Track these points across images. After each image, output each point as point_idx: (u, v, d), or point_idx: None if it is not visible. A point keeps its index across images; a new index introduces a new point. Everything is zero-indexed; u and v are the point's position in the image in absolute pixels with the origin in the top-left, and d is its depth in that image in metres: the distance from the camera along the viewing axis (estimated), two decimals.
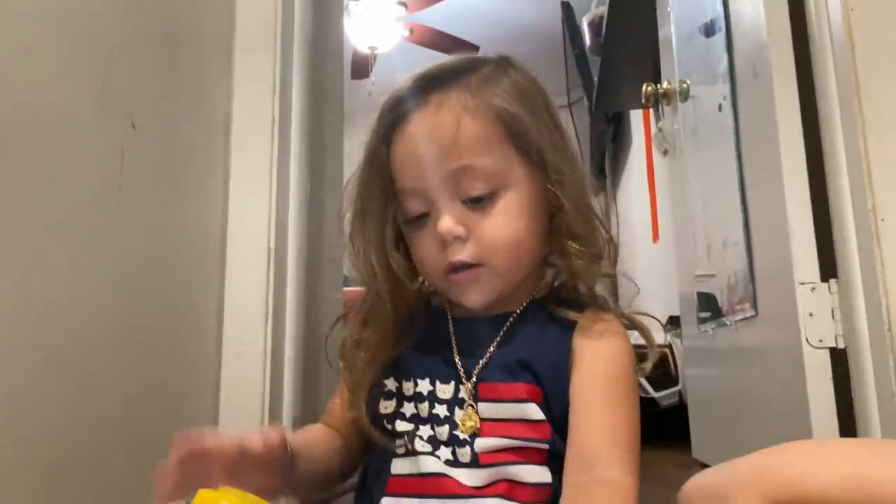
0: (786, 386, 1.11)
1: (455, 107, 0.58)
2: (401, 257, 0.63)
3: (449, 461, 0.57)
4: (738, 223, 1.31)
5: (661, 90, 1.80)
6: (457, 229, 0.57)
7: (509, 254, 0.59)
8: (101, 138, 0.81)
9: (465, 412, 0.58)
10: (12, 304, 0.66)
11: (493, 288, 0.60)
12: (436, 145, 0.58)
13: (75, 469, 0.74)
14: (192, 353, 1.00)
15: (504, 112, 0.58)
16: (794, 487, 0.47)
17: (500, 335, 0.61)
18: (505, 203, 0.58)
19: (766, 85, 1.12)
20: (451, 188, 0.58)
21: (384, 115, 0.61)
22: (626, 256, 3.49)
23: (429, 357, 0.62)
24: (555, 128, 0.63)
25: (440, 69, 0.61)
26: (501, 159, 0.58)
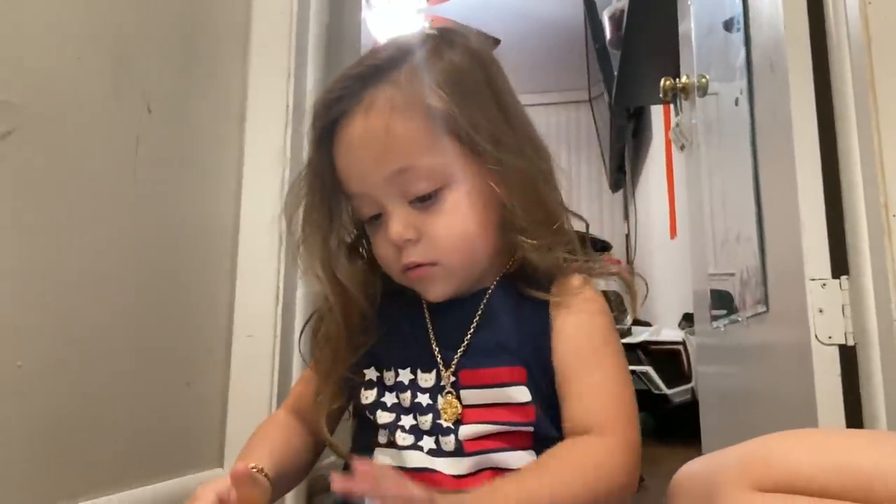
0: (795, 383, 1.10)
1: (384, 108, 0.56)
2: (350, 266, 0.62)
3: (433, 450, 0.57)
4: (752, 218, 1.30)
5: (679, 84, 1.79)
6: (407, 233, 0.57)
7: (461, 251, 0.58)
8: (118, 122, 0.83)
9: (445, 400, 0.58)
10: (30, 279, 0.69)
11: (450, 282, 0.59)
12: (371, 150, 0.56)
13: (90, 437, 0.76)
14: (204, 333, 1.02)
15: (435, 108, 0.56)
16: (782, 474, 0.47)
17: (476, 318, 0.60)
18: (451, 200, 0.57)
19: (782, 79, 1.11)
20: (395, 191, 0.57)
21: (317, 119, 0.59)
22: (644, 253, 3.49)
23: (408, 345, 0.61)
24: (500, 117, 0.59)
25: (370, 64, 0.58)
26: (439, 155, 0.56)
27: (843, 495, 0.45)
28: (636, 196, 4.31)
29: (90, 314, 0.77)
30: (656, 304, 3.49)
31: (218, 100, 1.08)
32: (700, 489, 0.53)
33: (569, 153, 5.04)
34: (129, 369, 0.84)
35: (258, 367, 1.04)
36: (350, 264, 0.62)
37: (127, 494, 0.81)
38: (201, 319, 1.01)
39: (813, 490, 0.46)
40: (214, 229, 1.05)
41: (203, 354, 1.01)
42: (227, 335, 1.05)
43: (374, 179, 0.57)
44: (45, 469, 0.70)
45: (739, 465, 0.50)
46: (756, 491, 0.48)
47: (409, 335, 0.62)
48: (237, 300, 1.07)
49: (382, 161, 0.56)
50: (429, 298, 0.60)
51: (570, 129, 5.10)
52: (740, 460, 0.50)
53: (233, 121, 1.11)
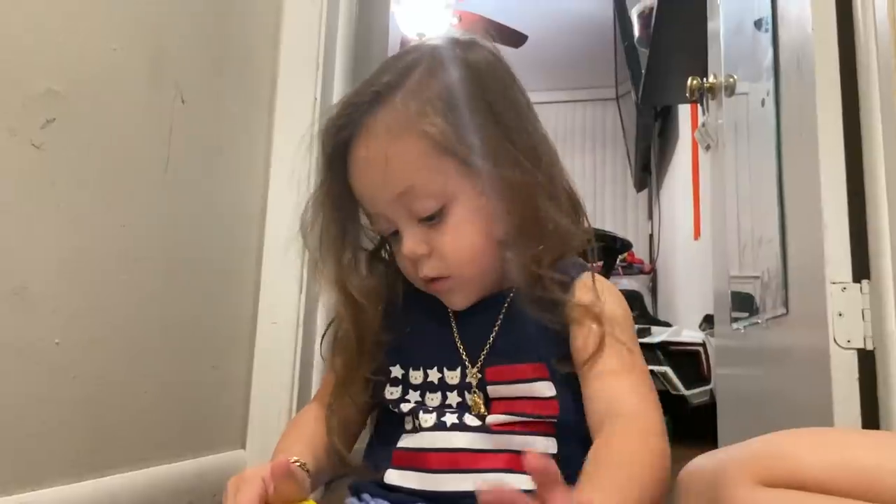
0: (812, 386, 1.10)
1: (381, 133, 0.58)
2: (364, 281, 0.64)
3: (455, 425, 0.59)
4: (774, 220, 1.30)
5: (706, 84, 1.78)
6: (419, 249, 0.59)
7: (471, 263, 0.60)
8: (153, 111, 0.86)
9: (473, 397, 0.60)
10: (68, 261, 0.72)
11: (469, 291, 0.62)
12: (374, 174, 0.59)
13: (119, 414, 0.80)
14: (230, 319, 1.05)
15: (431, 130, 0.57)
16: (787, 470, 0.48)
17: (500, 318, 0.62)
18: (455, 215, 0.59)
19: (809, 80, 1.11)
20: (402, 211, 0.59)
21: (325, 144, 0.62)
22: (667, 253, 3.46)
23: (434, 344, 0.64)
24: (494, 126, 0.60)
25: (370, 89, 0.60)
26: (439, 174, 0.58)
27: (848, 493, 0.46)
28: (661, 196, 4.28)
29: (123, 296, 0.80)
30: (678, 305, 3.46)
31: (248, 92, 1.11)
32: (707, 483, 0.54)
33: (594, 151, 5.02)
34: (159, 351, 0.87)
35: (281, 353, 1.07)
36: (367, 275, 0.65)
37: (153, 471, 0.85)
38: (228, 306, 1.04)
39: (818, 487, 0.47)
40: (242, 219, 1.08)
41: (229, 339, 1.04)
42: (252, 322, 1.08)
43: (381, 201, 0.60)
44: (77, 442, 0.73)
45: (746, 461, 0.51)
46: (762, 486, 0.49)
47: (433, 333, 0.64)
48: (262, 288, 1.10)
49: (385, 184, 0.59)
50: (452, 307, 0.63)
51: (596, 127, 5.08)
52: (747, 456, 0.51)
53: (262, 112, 1.14)
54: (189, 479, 0.90)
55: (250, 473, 0.52)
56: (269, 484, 0.51)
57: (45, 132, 0.68)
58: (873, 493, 0.45)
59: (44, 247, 0.69)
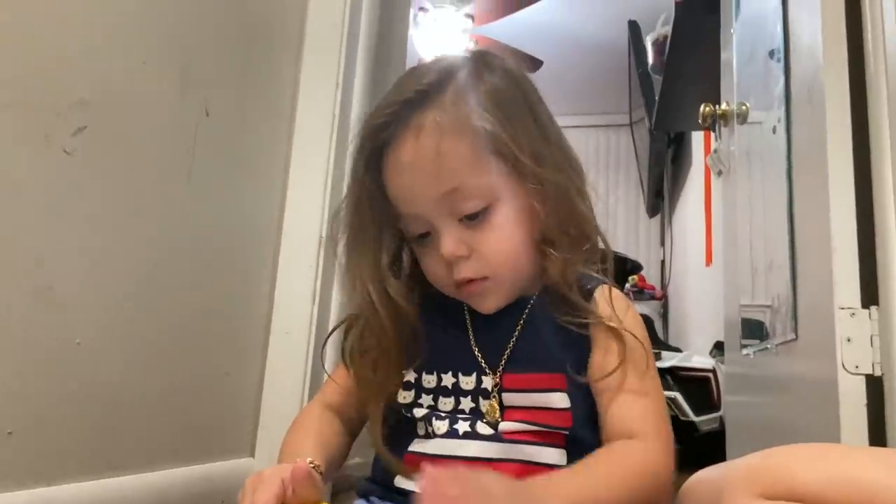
0: (820, 412, 1.10)
1: (433, 130, 0.57)
2: (398, 282, 0.63)
3: (468, 433, 0.60)
4: (785, 246, 1.31)
5: (719, 111, 1.80)
6: (459, 250, 0.59)
7: (510, 264, 0.60)
8: (178, 123, 0.89)
9: (489, 403, 0.60)
10: (92, 264, 0.74)
11: (502, 294, 0.62)
12: (422, 172, 0.58)
13: (134, 416, 0.81)
14: (244, 327, 1.07)
15: (480, 128, 0.58)
16: (788, 485, 0.49)
17: (519, 326, 0.62)
18: (499, 215, 0.59)
19: (819, 108, 1.12)
20: (445, 210, 0.59)
21: (365, 142, 0.61)
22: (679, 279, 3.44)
23: (449, 350, 0.63)
24: (539, 135, 0.61)
25: (416, 90, 0.60)
26: (487, 174, 0.59)
27: None
28: (673, 222, 4.28)
29: (142, 301, 0.82)
30: (689, 331, 3.44)
31: (270, 106, 1.14)
32: (709, 495, 0.55)
33: (607, 177, 5.03)
34: (174, 356, 0.89)
35: (293, 362, 1.08)
36: (397, 281, 0.64)
37: (162, 474, 0.86)
38: (242, 314, 1.06)
39: (817, 501, 0.47)
40: (260, 229, 1.11)
41: (242, 347, 1.06)
42: (266, 330, 1.10)
43: (425, 200, 0.59)
44: (91, 441, 0.75)
45: (748, 474, 0.51)
46: (763, 499, 0.50)
47: (450, 340, 0.64)
48: (276, 298, 1.12)
49: (434, 182, 0.58)
50: (481, 311, 0.63)
51: (610, 153, 5.10)
52: (749, 469, 0.52)
53: (282, 126, 1.17)
54: (198, 483, 0.91)
55: (269, 473, 0.52)
56: (288, 486, 0.51)
57: (76, 139, 0.71)
58: None
59: (70, 249, 0.71)
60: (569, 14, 3.70)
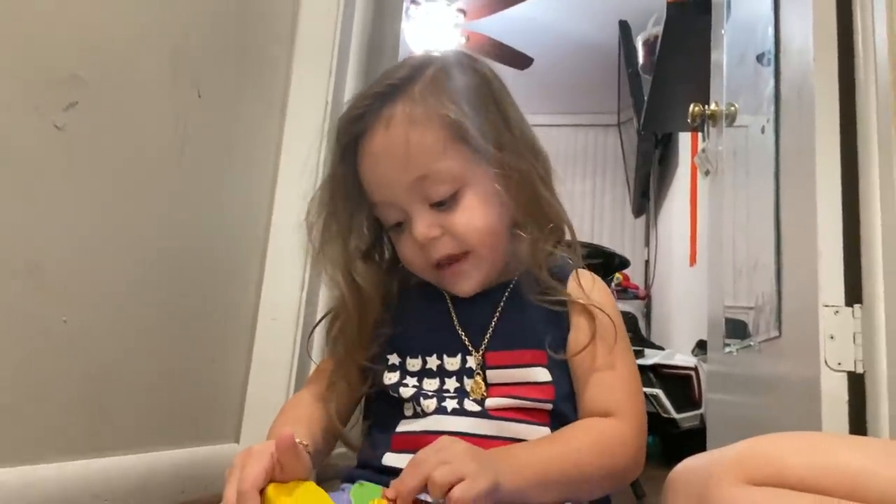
0: (802, 408, 1.11)
1: (402, 121, 0.61)
2: (366, 267, 0.66)
3: (456, 410, 0.61)
4: (771, 245, 1.32)
5: (707, 111, 1.81)
6: (431, 232, 0.62)
7: (485, 240, 0.63)
8: (170, 103, 0.88)
9: (474, 381, 0.63)
10: (79, 242, 0.73)
11: (480, 273, 0.64)
12: (392, 161, 0.62)
13: (119, 398, 0.81)
14: (232, 313, 1.06)
15: (447, 117, 0.61)
16: (773, 470, 0.50)
17: (500, 306, 0.65)
18: (468, 199, 0.62)
19: (808, 110, 1.14)
20: (416, 196, 0.62)
21: (340, 134, 0.65)
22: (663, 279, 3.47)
23: (432, 333, 0.66)
24: (501, 122, 0.65)
25: (386, 83, 0.63)
26: (455, 160, 0.62)
27: (831, 493, 0.47)
28: (658, 222, 4.32)
29: (130, 282, 0.82)
30: (671, 330, 3.48)
31: (262, 92, 1.13)
32: (695, 483, 0.56)
33: (594, 176, 5.06)
34: (160, 339, 0.88)
35: (280, 349, 1.08)
36: (366, 267, 0.67)
37: (147, 456, 0.85)
38: (230, 300, 1.06)
39: (802, 487, 0.48)
40: (249, 216, 1.10)
41: (229, 333, 1.05)
42: (253, 317, 1.10)
43: (397, 187, 0.62)
44: (76, 421, 0.74)
45: (734, 461, 0.52)
46: (748, 485, 0.50)
47: (433, 324, 0.66)
48: (265, 284, 1.11)
49: (404, 169, 0.61)
50: (459, 294, 0.65)
51: (598, 152, 5.13)
52: (735, 456, 0.53)
53: (274, 113, 1.16)
54: (182, 467, 0.90)
55: (258, 449, 0.52)
56: (276, 460, 0.51)
57: (67, 114, 0.70)
58: (855, 495, 0.47)
59: (59, 226, 0.70)
60: (560, 12, 3.71)
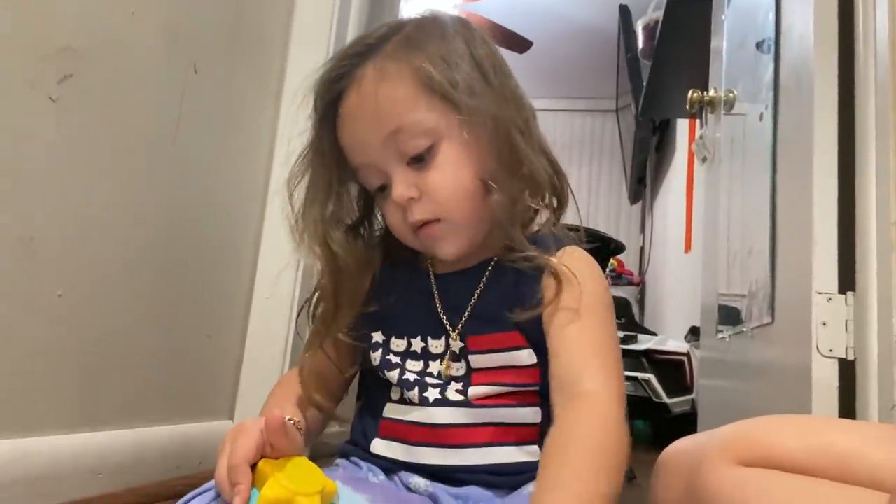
0: (792, 394, 1.12)
1: (373, 77, 0.60)
2: (342, 235, 0.64)
3: (438, 400, 0.60)
4: (765, 232, 1.33)
5: (706, 98, 1.81)
6: (409, 192, 0.60)
7: (460, 204, 0.60)
8: (166, 77, 0.88)
9: (444, 363, 0.61)
10: (75, 215, 0.73)
11: (460, 237, 0.62)
12: (365, 118, 0.60)
13: (114, 372, 0.81)
14: (227, 291, 1.06)
15: (417, 69, 0.59)
16: (764, 450, 0.50)
17: (480, 286, 0.63)
18: (444, 153, 0.60)
19: (808, 97, 1.13)
20: (392, 154, 0.60)
21: (319, 98, 0.63)
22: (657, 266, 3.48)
23: (416, 313, 0.64)
24: (474, 70, 0.62)
25: (361, 44, 0.62)
26: (428, 112, 0.60)
27: (821, 473, 0.48)
28: (654, 209, 4.32)
29: (125, 257, 0.81)
30: (664, 316, 3.50)
31: (259, 69, 1.12)
32: (686, 463, 0.56)
33: (591, 162, 5.05)
34: (155, 315, 0.88)
35: (274, 327, 1.08)
36: (346, 239, 0.65)
37: (141, 431, 0.86)
38: (225, 278, 1.06)
39: (792, 468, 0.49)
40: (244, 193, 1.10)
41: (224, 311, 1.05)
42: (248, 295, 1.10)
43: (373, 146, 0.60)
44: (71, 395, 0.74)
45: (725, 442, 0.53)
46: (739, 465, 0.51)
47: (416, 303, 0.65)
48: (259, 263, 1.11)
49: (376, 126, 0.60)
50: (442, 257, 0.63)
51: (595, 138, 5.12)
52: (726, 438, 0.53)
53: (270, 90, 1.15)
54: (176, 443, 0.91)
55: (249, 424, 0.52)
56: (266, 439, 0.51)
57: (61, 87, 0.69)
58: (845, 476, 0.47)
59: (53, 200, 0.70)
60: None
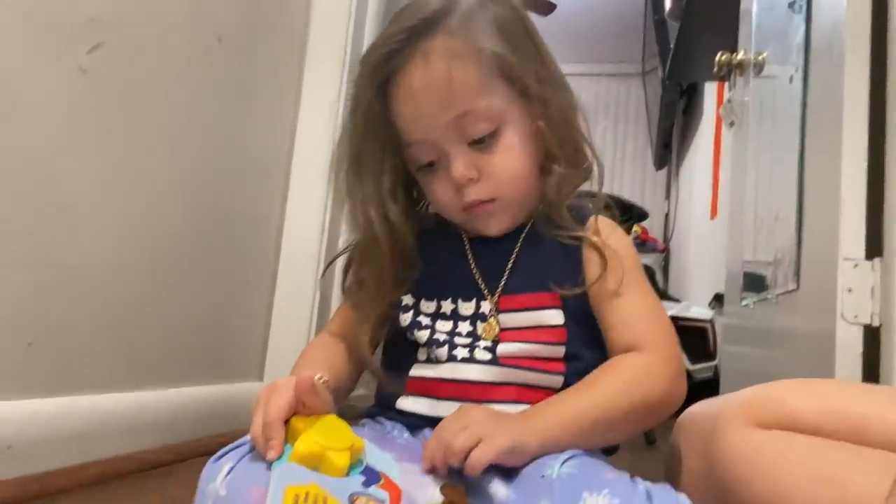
0: (815, 360, 1.12)
1: (443, 55, 0.59)
2: (398, 208, 0.64)
3: (466, 359, 0.61)
4: (793, 197, 1.31)
5: (735, 60, 1.77)
6: (469, 172, 0.61)
7: (517, 186, 0.63)
8: (190, 46, 0.88)
9: (487, 324, 0.63)
10: (110, 183, 0.75)
11: (508, 216, 0.64)
12: (433, 97, 0.59)
13: (151, 335, 0.84)
14: (254, 256, 1.09)
15: (488, 51, 0.60)
16: (781, 413, 0.51)
17: (516, 250, 0.65)
18: (506, 138, 0.61)
19: (839, 60, 1.11)
20: (455, 134, 0.60)
21: (374, 70, 0.61)
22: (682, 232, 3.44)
23: (449, 277, 0.65)
24: (538, 57, 0.64)
25: (419, 17, 0.60)
26: (496, 97, 0.60)
27: (837, 435, 0.49)
28: (679, 175, 4.26)
29: (156, 223, 0.84)
30: (689, 284, 3.47)
31: (281, 37, 1.12)
32: (704, 425, 0.57)
33: (615, 127, 4.97)
34: (187, 281, 0.91)
35: (301, 292, 1.11)
36: (401, 211, 0.65)
37: (176, 391, 0.89)
38: (252, 243, 1.08)
39: (809, 430, 0.50)
40: (270, 159, 1.11)
41: (252, 276, 1.08)
42: (275, 260, 1.12)
43: (435, 125, 0.60)
44: (109, 357, 0.77)
45: (744, 405, 0.54)
46: (757, 427, 0.52)
47: (450, 267, 0.66)
48: (285, 228, 1.13)
49: (445, 106, 0.59)
50: (487, 233, 0.65)
51: (620, 103, 5.03)
52: (744, 401, 0.54)
53: (292, 58, 1.16)
54: (210, 403, 0.94)
55: (282, 383, 0.53)
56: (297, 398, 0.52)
57: (91, 57, 0.70)
58: (861, 438, 0.48)
59: (88, 168, 0.72)
60: None
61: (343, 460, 0.48)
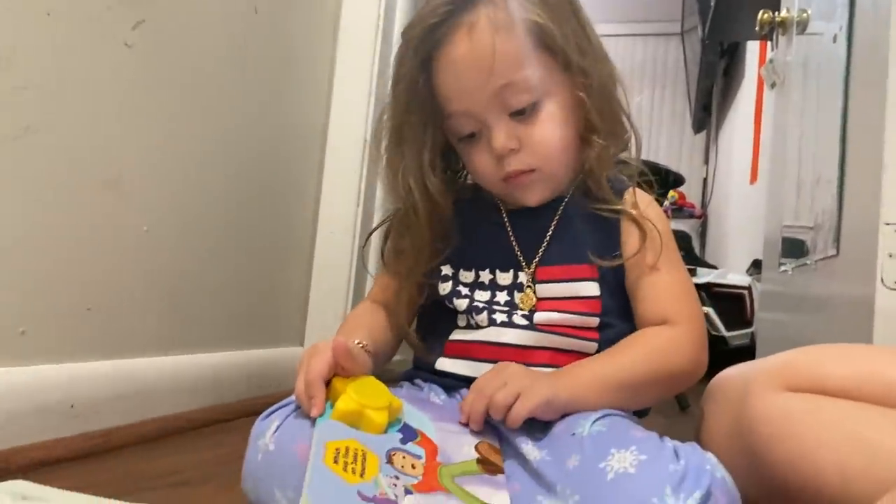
0: (853, 326, 1.11)
1: (487, 27, 0.59)
2: (437, 179, 0.65)
3: (504, 323, 0.63)
4: (835, 159, 1.28)
5: (777, 18, 1.72)
6: (511, 143, 0.62)
7: (557, 157, 0.64)
8: (229, 18, 0.90)
9: (524, 294, 0.64)
10: (155, 155, 0.78)
11: (547, 187, 0.65)
12: (476, 69, 0.60)
13: (196, 301, 0.88)
14: (293, 226, 1.12)
15: (532, 23, 0.60)
16: (813, 377, 0.52)
17: (555, 222, 0.66)
18: (547, 110, 0.62)
19: (884, 17, 1.07)
20: (497, 105, 0.61)
21: (418, 44, 0.62)
22: (720, 197, 3.37)
23: (487, 247, 0.67)
24: (580, 28, 0.64)
25: None
26: (538, 69, 0.61)
27: (868, 399, 0.49)
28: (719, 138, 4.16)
29: (201, 193, 0.87)
30: (727, 249, 3.42)
31: (315, 8, 1.13)
32: (736, 389, 0.58)
33: (653, 89, 4.85)
34: (229, 249, 0.94)
35: (338, 261, 1.13)
36: (441, 182, 0.66)
37: (221, 355, 0.93)
38: (290, 213, 1.11)
39: (841, 394, 0.50)
40: (306, 131, 1.13)
41: (291, 245, 1.11)
42: (313, 230, 1.15)
43: (479, 96, 0.61)
44: (158, 321, 0.82)
45: (775, 369, 0.54)
46: (788, 391, 0.53)
47: (488, 238, 0.68)
48: (322, 199, 1.16)
49: (487, 78, 0.60)
50: (526, 203, 0.66)
51: (658, 64, 4.90)
52: (775, 365, 0.55)
53: (327, 29, 1.17)
54: (254, 366, 0.98)
55: (322, 345, 0.56)
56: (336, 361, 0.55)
57: (136, 33, 0.73)
58: (892, 402, 0.48)
59: (135, 141, 0.75)
60: None
61: (381, 418, 0.50)
